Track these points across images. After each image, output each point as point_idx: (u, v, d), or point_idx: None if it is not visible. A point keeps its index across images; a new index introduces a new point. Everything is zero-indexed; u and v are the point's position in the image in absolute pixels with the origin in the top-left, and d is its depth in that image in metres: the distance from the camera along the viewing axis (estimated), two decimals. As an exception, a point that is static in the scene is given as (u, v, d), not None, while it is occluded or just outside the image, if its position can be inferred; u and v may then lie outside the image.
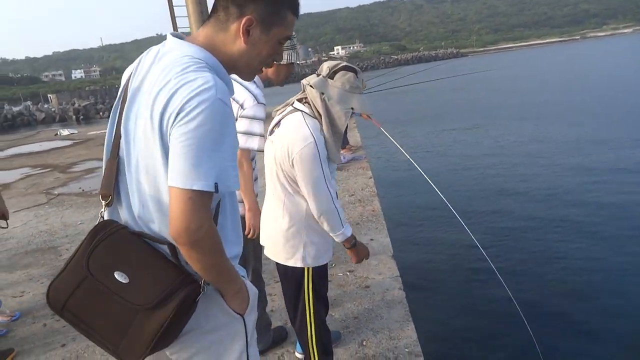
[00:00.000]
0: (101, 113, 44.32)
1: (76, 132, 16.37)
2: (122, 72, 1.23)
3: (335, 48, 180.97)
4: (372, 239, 4.22)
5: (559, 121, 13.16)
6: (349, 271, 3.66)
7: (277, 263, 2.09)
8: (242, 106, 2.20)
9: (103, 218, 1.15)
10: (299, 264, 2.01)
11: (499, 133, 12.40)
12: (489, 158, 9.82)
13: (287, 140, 1.86)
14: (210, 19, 1.13)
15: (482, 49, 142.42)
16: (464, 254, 5.29)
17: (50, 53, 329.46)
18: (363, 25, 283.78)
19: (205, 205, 0.99)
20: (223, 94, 1.01)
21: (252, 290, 1.20)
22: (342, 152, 7.83)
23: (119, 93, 1.17)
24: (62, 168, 9.44)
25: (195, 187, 0.95)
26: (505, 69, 36.52)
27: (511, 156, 9.75)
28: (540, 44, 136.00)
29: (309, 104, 1.93)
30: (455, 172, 8.90)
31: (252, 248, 2.43)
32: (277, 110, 2.06)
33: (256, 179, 2.41)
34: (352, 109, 1.90)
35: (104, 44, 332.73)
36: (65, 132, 16.33)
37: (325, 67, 1.96)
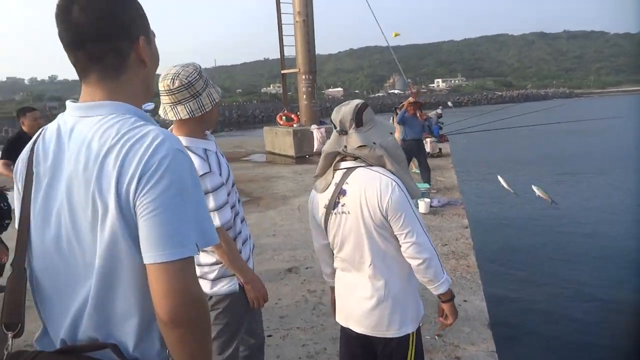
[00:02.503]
0: (208, 128, 48.90)
1: (184, 145, 17.75)
2: (230, 91, 1.14)
3: (436, 80, 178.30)
4: (465, 300, 3.84)
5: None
6: (438, 335, 3.34)
7: (365, 336, 1.87)
8: None
9: (9, 351, 0.94)
10: (404, 331, 1.82)
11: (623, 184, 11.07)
12: (612, 209, 8.73)
13: (370, 196, 1.72)
14: (94, 72, 0.97)
15: (599, 90, 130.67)
16: (575, 326, 4.63)
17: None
18: (467, 59, 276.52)
19: (193, 271, 0.90)
20: (177, 142, 0.92)
21: None
22: (433, 192, 7.47)
23: (15, 187, 1.02)
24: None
25: (179, 257, 0.86)
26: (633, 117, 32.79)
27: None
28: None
29: (360, 158, 1.79)
30: (572, 223, 7.96)
31: (252, 320, 2.16)
32: (321, 185, 1.86)
33: (246, 240, 2.08)
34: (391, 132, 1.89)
35: (217, 65, 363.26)
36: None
37: (347, 119, 1.79)
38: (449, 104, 16.06)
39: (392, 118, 10.55)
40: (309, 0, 13.78)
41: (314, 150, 12.77)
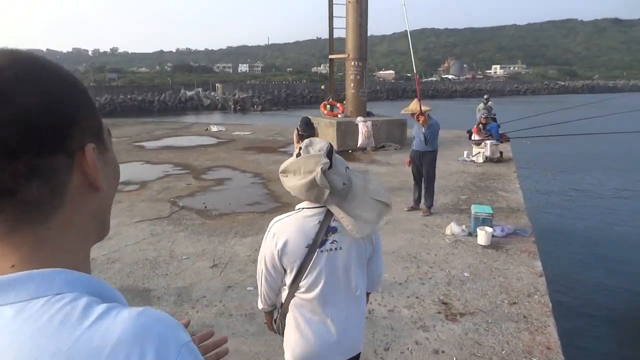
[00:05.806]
0: (255, 106, 48.72)
1: (224, 129, 17.04)
2: (281, 70, 0.36)
3: (493, 67, 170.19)
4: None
5: None
6: None
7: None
8: None
9: None
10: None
11: None
12: None
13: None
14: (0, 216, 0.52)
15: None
16: None
17: (225, 47, 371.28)
18: (529, 45, 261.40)
19: None
20: (178, 330, 0.53)
21: None
22: (499, 222, 6.14)
23: None
24: (197, 172, 9.46)
25: None
26: None
27: None
28: None
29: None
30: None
31: None
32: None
33: None
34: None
35: (269, 43, 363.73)
36: (214, 128, 17.16)
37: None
38: (484, 99, 14.52)
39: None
40: (363, -23, 12.49)
41: (358, 146, 11.67)
